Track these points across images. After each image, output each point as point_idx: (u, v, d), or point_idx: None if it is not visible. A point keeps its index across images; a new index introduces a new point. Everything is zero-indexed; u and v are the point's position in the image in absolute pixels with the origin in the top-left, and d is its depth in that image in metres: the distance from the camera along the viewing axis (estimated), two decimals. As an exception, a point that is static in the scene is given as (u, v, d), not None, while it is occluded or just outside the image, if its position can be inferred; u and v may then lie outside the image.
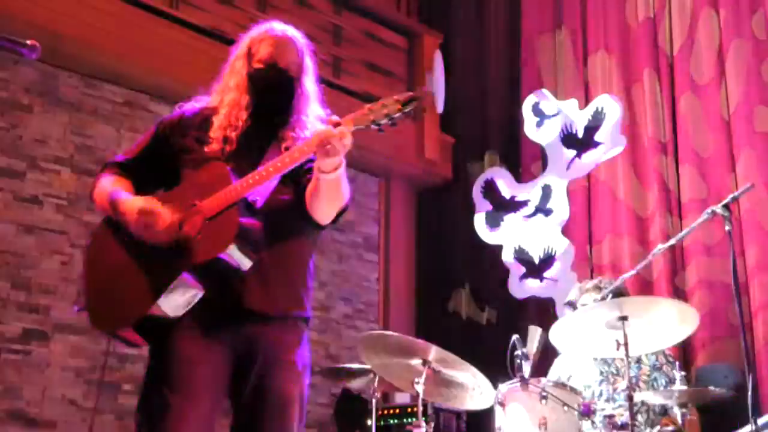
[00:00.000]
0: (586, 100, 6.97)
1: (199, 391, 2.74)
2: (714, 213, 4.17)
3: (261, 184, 2.78)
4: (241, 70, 3.05)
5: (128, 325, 2.76)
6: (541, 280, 6.77)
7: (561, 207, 6.80)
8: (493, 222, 7.15)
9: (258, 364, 2.81)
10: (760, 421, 4.02)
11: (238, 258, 2.72)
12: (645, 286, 6.12)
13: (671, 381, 4.60)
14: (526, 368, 4.07)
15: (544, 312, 6.69)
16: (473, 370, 4.27)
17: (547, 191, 6.93)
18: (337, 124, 2.71)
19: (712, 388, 4.35)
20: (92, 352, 5.78)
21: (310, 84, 3.08)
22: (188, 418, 2.71)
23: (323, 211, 2.88)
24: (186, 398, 2.71)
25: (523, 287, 6.87)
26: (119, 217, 2.84)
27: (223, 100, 3.03)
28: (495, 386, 4.25)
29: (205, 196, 2.78)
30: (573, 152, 6.87)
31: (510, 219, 7.07)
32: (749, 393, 3.74)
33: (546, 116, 7.06)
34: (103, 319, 2.85)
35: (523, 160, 7.35)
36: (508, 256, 6.93)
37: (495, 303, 7.24)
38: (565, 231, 6.76)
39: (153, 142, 3.06)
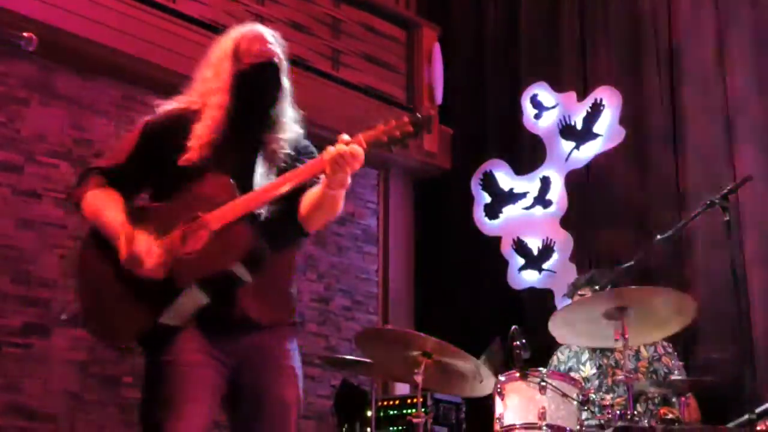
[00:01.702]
0: (585, 91, 6.97)
1: (202, 396, 2.76)
2: (713, 204, 4.19)
3: (271, 199, 2.79)
4: (227, 70, 2.97)
5: (134, 338, 2.78)
6: (539, 272, 6.79)
7: (559, 199, 6.82)
8: (492, 214, 7.17)
9: (256, 371, 2.85)
10: (758, 409, 4.04)
11: (242, 273, 2.76)
12: (644, 277, 6.12)
13: (670, 371, 4.62)
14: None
15: (542, 303, 6.70)
16: (472, 359, 4.29)
17: (545, 183, 6.94)
18: (349, 143, 2.73)
19: (710, 377, 4.37)
20: (93, 345, 5.79)
21: (287, 84, 3.05)
22: (192, 421, 2.72)
23: (317, 222, 2.92)
24: (189, 402, 2.73)
25: (522, 279, 6.89)
26: (112, 240, 2.81)
27: (207, 102, 2.96)
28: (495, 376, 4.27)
29: (209, 208, 2.76)
30: (572, 144, 6.89)
31: (509, 211, 7.09)
32: (747, 382, 3.75)
33: (545, 108, 7.08)
34: (105, 331, 2.86)
35: (522, 151, 7.36)
36: (507, 248, 6.95)
37: (494, 294, 7.25)
38: (564, 222, 6.77)
39: (139, 147, 2.98)
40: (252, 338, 2.85)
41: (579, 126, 6.86)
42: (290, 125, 3.02)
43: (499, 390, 4.16)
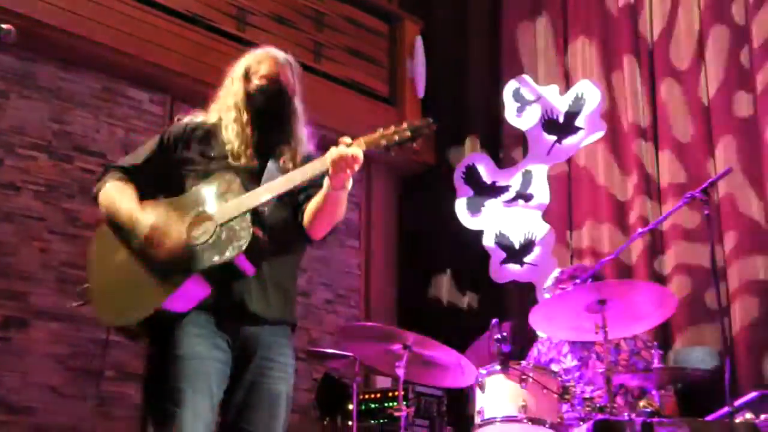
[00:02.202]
0: (567, 86, 6.99)
1: (209, 387, 2.83)
2: (692, 198, 4.20)
3: (275, 197, 2.93)
4: (240, 90, 3.17)
5: (141, 320, 2.85)
6: (521, 265, 6.80)
7: (541, 192, 6.83)
8: (474, 207, 7.17)
9: (254, 363, 2.95)
10: (737, 402, 4.06)
11: (245, 265, 2.87)
12: (624, 271, 6.16)
13: (650, 364, 4.64)
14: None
15: (524, 296, 6.72)
16: (453, 352, 4.30)
17: (527, 177, 6.95)
18: (349, 145, 2.90)
19: (689, 369, 4.39)
20: (73, 338, 5.77)
21: (299, 105, 3.23)
22: (201, 412, 2.79)
23: (320, 226, 3.05)
24: (198, 392, 2.80)
25: (504, 272, 6.90)
26: (128, 227, 2.95)
27: (223, 118, 3.15)
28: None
29: (217, 203, 2.92)
30: (553, 138, 6.90)
31: (491, 204, 7.10)
32: (726, 375, 3.78)
33: (527, 102, 7.08)
34: (111, 314, 2.96)
35: (504, 145, 7.37)
36: (488, 241, 6.96)
37: (476, 288, 7.26)
38: (546, 216, 6.79)
39: (158, 151, 3.15)
40: (253, 332, 2.96)
41: (561, 120, 6.87)
42: (301, 146, 3.18)
43: (480, 383, 4.17)
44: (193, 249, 2.84)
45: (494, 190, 7.14)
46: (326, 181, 2.93)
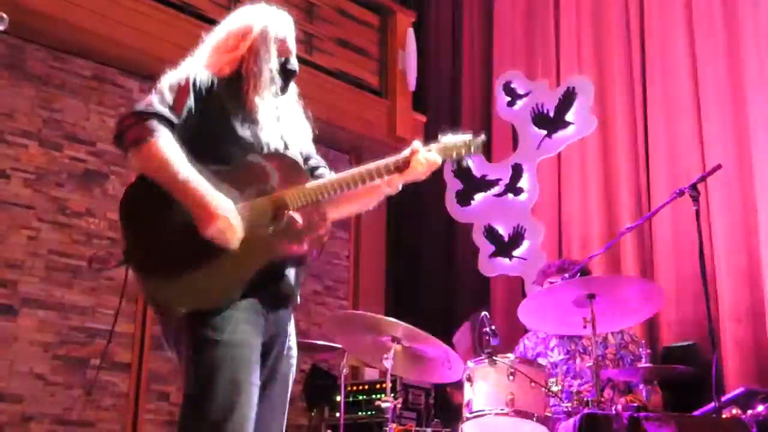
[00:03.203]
0: (558, 80, 6.99)
1: (256, 376, 2.72)
2: (682, 193, 4.21)
3: (346, 190, 2.84)
4: (272, 51, 2.99)
5: (208, 308, 2.67)
6: (510, 259, 6.82)
7: (531, 186, 6.84)
8: (464, 200, 7.18)
9: (275, 350, 2.86)
10: (724, 398, 4.08)
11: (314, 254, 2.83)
12: (613, 265, 6.17)
13: (637, 359, 4.66)
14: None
15: (513, 290, 6.74)
16: (441, 345, 4.30)
17: (517, 170, 6.96)
18: (430, 151, 2.88)
19: (676, 365, 4.40)
20: (60, 327, 5.76)
21: None
22: (255, 401, 2.68)
23: (344, 213, 3.03)
24: (252, 382, 2.68)
25: (493, 265, 6.91)
26: (196, 208, 2.65)
27: (244, 72, 2.93)
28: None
29: (282, 185, 2.78)
30: (544, 132, 6.91)
31: (481, 197, 7.11)
32: (713, 371, 3.79)
33: (518, 96, 7.09)
34: (172, 293, 2.70)
35: (495, 139, 7.37)
36: (478, 235, 6.97)
37: (465, 280, 7.27)
38: (535, 210, 6.80)
39: (193, 103, 2.81)
40: (282, 315, 2.88)
41: (551, 114, 6.88)
42: (298, 112, 3.09)
43: (468, 376, 4.18)
44: (268, 238, 2.72)
45: (484, 184, 7.15)
46: (387, 179, 2.89)
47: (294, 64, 3.07)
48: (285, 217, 2.75)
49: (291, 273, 2.83)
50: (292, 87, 3.11)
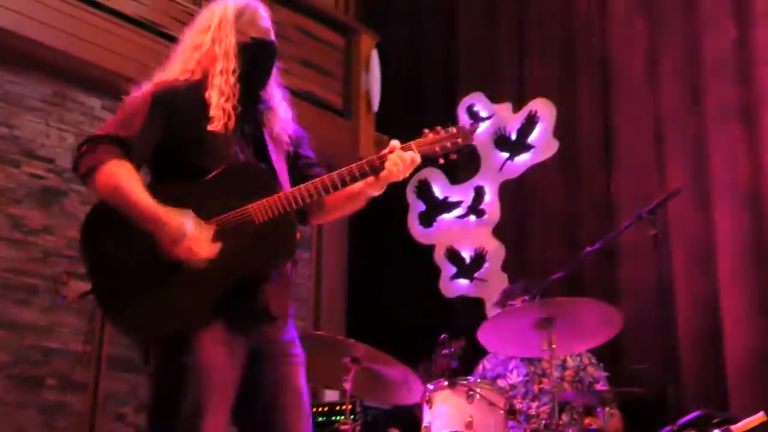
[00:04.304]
0: (520, 103, 7.03)
1: (230, 393, 2.66)
2: (641, 217, 4.25)
3: (318, 197, 2.73)
4: (230, 38, 2.86)
5: (177, 333, 2.61)
6: (471, 280, 6.83)
7: (493, 208, 6.87)
8: (427, 222, 7.19)
9: (271, 361, 2.77)
10: (680, 421, 4.11)
11: (287, 269, 2.75)
12: (574, 288, 6.19)
13: (595, 381, 4.68)
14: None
15: (473, 312, 6.74)
16: (402, 367, 4.29)
17: (479, 192, 6.99)
18: (405, 149, 2.78)
19: (632, 388, 4.42)
20: (14, 346, 5.66)
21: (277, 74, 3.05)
22: (224, 419, 2.63)
23: (330, 216, 2.96)
24: (222, 400, 2.62)
25: (454, 287, 6.92)
26: (149, 226, 2.61)
27: (211, 69, 2.83)
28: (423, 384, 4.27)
29: (247, 197, 2.68)
30: (506, 155, 6.94)
31: (443, 219, 7.12)
32: (670, 393, 3.82)
33: (480, 118, 7.13)
34: (138, 320, 2.65)
35: (457, 161, 7.35)
36: (439, 256, 6.98)
37: (426, 302, 7.26)
38: (497, 232, 6.82)
39: (151, 118, 2.74)
40: (269, 329, 2.78)
41: (513, 137, 6.92)
42: (283, 105, 2.99)
43: (427, 398, 4.16)
44: (232, 257, 2.63)
45: (446, 205, 7.17)
46: (368, 180, 2.78)
47: (268, 42, 2.94)
48: (250, 232, 2.67)
49: (266, 288, 2.73)
50: (274, 74, 3.00)
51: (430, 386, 4.19)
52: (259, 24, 2.94)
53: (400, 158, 2.77)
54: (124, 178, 2.65)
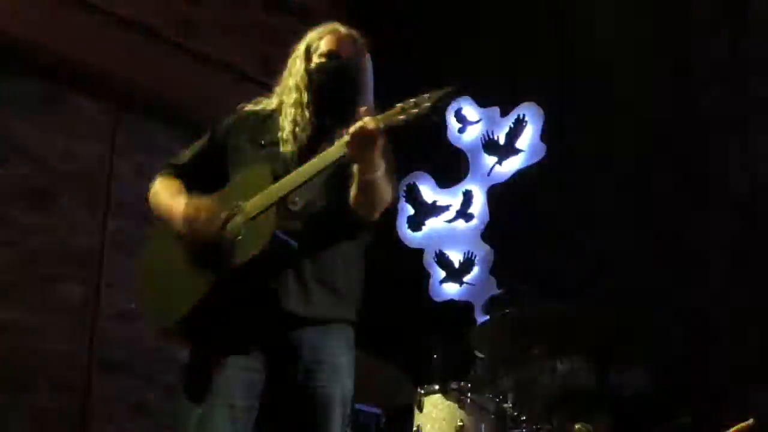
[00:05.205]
0: (509, 107, 7.03)
1: (238, 398, 2.68)
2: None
3: (300, 185, 2.74)
4: (300, 69, 3.03)
5: (172, 323, 2.79)
6: (460, 285, 6.84)
7: (481, 213, 6.88)
8: (415, 226, 7.20)
9: (300, 367, 2.77)
10: (668, 425, 4.13)
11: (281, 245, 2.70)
12: (564, 294, 6.19)
13: (585, 387, 4.69)
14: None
15: (462, 316, 6.75)
16: (391, 370, 4.30)
17: (468, 197, 7.00)
18: (362, 118, 2.71)
19: (625, 394, 4.45)
20: (2, 348, 5.62)
21: (368, 84, 3.14)
22: (215, 426, 2.65)
23: (366, 213, 2.93)
24: (225, 405, 2.65)
25: (443, 291, 6.93)
26: (170, 218, 2.87)
27: (284, 101, 3.01)
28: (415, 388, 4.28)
29: (249, 196, 2.76)
30: (494, 159, 6.96)
31: (431, 223, 7.13)
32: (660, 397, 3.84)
33: (469, 122, 7.14)
34: (152, 318, 2.94)
35: (446, 165, 7.39)
36: (428, 260, 6.99)
37: (414, 306, 7.26)
38: (485, 236, 6.83)
39: (208, 145, 3.06)
40: (295, 333, 2.78)
41: (502, 141, 6.94)
42: None
43: (418, 403, 4.17)
44: (225, 247, 2.71)
45: (435, 209, 7.17)
46: (354, 168, 2.75)
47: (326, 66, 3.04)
48: (234, 227, 2.74)
49: (275, 286, 2.77)
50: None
51: (421, 390, 4.20)
52: (325, 46, 3.08)
53: (353, 130, 2.68)
54: (160, 188, 2.98)
